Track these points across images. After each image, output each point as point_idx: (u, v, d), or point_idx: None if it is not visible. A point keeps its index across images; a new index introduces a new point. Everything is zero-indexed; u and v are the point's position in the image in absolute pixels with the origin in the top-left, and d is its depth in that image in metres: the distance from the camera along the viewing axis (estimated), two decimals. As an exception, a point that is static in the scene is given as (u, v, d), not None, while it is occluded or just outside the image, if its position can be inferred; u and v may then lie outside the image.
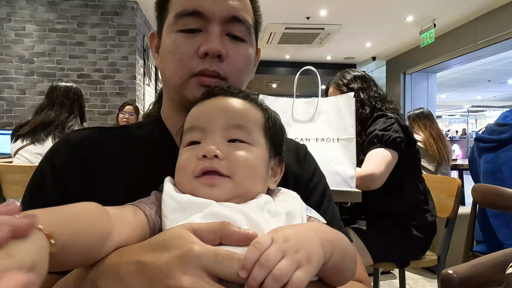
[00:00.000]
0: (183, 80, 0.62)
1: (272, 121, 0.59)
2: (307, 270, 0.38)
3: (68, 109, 2.39)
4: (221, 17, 0.62)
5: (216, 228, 0.41)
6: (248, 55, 0.66)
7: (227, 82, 0.62)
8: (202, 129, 0.53)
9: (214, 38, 0.61)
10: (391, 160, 1.60)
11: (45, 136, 2.27)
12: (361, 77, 1.86)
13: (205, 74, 0.61)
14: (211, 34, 0.61)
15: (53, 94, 2.41)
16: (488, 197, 1.68)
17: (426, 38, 6.08)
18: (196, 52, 0.61)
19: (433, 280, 2.77)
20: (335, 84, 1.88)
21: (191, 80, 0.61)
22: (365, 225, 1.72)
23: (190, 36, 0.62)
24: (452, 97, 13.86)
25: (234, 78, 0.63)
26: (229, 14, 0.62)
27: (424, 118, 3.38)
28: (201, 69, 0.60)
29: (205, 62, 0.61)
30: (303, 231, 0.43)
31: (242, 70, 0.65)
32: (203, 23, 0.62)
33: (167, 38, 0.64)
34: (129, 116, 3.85)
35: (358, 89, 1.81)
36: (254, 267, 0.37)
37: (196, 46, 0.61)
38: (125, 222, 0.45)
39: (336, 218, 0.70)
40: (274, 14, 5.48)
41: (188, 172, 0.51)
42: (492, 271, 0.89)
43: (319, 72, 1.57)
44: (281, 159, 0.61)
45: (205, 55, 0.60)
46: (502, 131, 1.84)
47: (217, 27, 0.62)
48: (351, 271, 0.49)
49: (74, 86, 2.51)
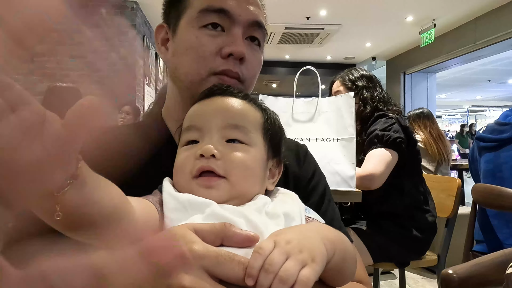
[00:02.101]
0: (202, 77, 0.62)
1: (271, 121, 0.58)
2: (313, 268, 0.38)
3: None
4: (246, 21, 0.63)
5: (218, 229, 0.42)
6: (261, 61, 0.69)
7: (243, 85, 0.64)
8: (200, 128, 0.53)
9: (239, 40, 0.62)
10: (391, 160, 1.60)
11: None
12: (368, 77, 1.87)
13: (227, 74, 0.62)
14: (236, 36, 0.62)
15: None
16: (488, 197, 1.68)
17: (426, 38, 6.08)
18: (218, 52, 0.62)
19: (433, 280, 2.77)
20: (341, 78, 1.89)
21: (211, 78, 0.62)
22: (365, 225, 1.72)
23: (213, 35, 0.62)
24: (452, 97, 13.87)
25: (249, 81, 0.65)
26: (254, 19, 0.64)
27: (424, 118, 3.38)
28: (224, 69, 0.61)
29: (228, 62, 0.62)
30: (304, 232, 0.43)
31: (256, 74, 0.67)
32: (228, 24, 0.63)
33: (187, 33, 0.64)
34: (125, 116, 3.82)
35: (363, 87, 1.82)
36: (260, 274, 0.37)
37: (219, 45, 0.62)
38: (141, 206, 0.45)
39: (336, 218, 0.70)
40: (274, 14, 5.48)
41: (185, 172, 0.51)
42: (492, 271, 0.89)
43: (319, 72, 1.57)
44: (279, 160, 0.60)
45: (228, 56, 0.61)
46: (503, 130, 1.84)
47: (241, 30, 0.63)
48: (352, 271, 0.49)
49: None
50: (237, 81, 0.63)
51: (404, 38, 6.80)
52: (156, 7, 0.98)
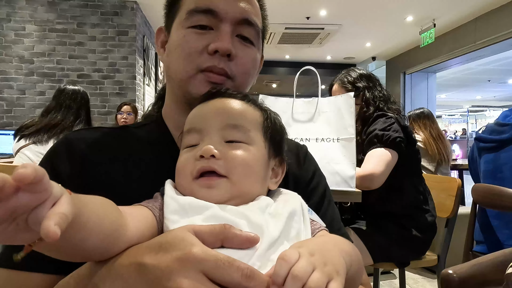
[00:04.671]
0: (189, 75, 0.62)
1: (271, 121, 0.58)
2: (339, 282, 0.38)
3: (74, 113, 2.41)
4: (233, 18, 0.63)
5: (217, 230, 0.41)
6: (255, 59, 0.67)
7: (233, 82, 0.63)
8: (199, 130, 0.54)
9: (225, 37, 0.61)
10: (391, 160, 1.60)
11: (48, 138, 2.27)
12: (367, 76, 1.86)
13: (212, 71, 0.61)
14: (223, 33, 0.61)
15: (61, 96, 2.43)
16: (488, 197, 1.68)
17: (426, 38, 6.08)
18: (205, 49, 0.61)
19: (433, 280, 2.77)
20: (340, 81, 1.87)
21: (198, 76, 0.61)
22: (365, 225, 1.72)
23: (200, 33, 0.62)
24: (452, 97, 13.87)
25: (240, 78, 0.64)
26: (242, 16, 0.63)
27: (425, 118, 3.38)
28: (209, 65, 0.61)
29: (213, 59, 0.61)
30: (324, 245, 0.43)
31: (248, 72, 0.66)
32: (215, 22, 0.62)
33: (176, 33, 0.64)
34: (127, 116, 3.85)
35: (364, 88, 1.81)
36: (287, 281, 0.36)
37: (206, 42, 0.61)
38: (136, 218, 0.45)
39: (336, 219, 0.70)
40: (274, 14, 5.47)
41: (186, 174, 0.51)
42: (492, 271, 0.89)
43: (319, 72, 1.57)
44: (282, 160, 0.60)
45: (214, 53, 0.61)
46: (503, 131, 1.83)
47: (229, 27, 0.62)
48: (361, 279, 0.50)
49: (82, 90, 2.54)
50: (225, 78, 0.62)
51: (404, 38, 6.80)
52: (156, 7, 0.98)
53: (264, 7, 0.72)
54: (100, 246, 0.40)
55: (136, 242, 0.43)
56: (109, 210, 0.41)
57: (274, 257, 0.40)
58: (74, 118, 2.39)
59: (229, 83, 0.62)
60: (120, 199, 0.50)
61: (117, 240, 0.41)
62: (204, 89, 0.60)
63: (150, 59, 5.82)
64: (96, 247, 0.39)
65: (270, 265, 0.41)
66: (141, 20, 5.30)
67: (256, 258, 0.41)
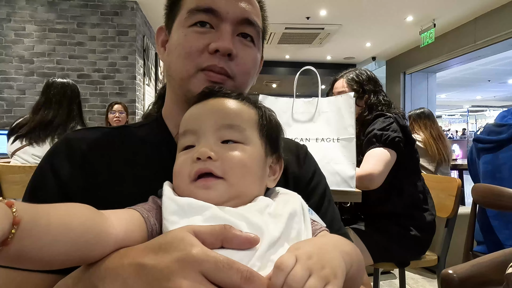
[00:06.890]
0: (189, 74, 0.62)
1: (266, 118, 0.58)
2: (336, 285, 0.38)
3: (66, 108, 2.31)
4: (234, 18, 0.63)
5: (217, 231, 0.41)
6: (256, 59, 0.67)
7: (234, 82, 0.63)
8: (195, 132, 0.54)
9: (226, 36, 0.61)
10: (390, 159, 1.60)
11: (44, 137, 2.22)
12: (375, 80, 1.86)
13: (212, 70, 0.61)
14: (223, 32, 0.62)
15: (50, 91, 2.34)
16: (488, 197, 1.68)
17: (426, 38, 6.08)
18: (206, 48, 0.61)
19: (433, 280, 2.77)
20: (348, 79, 1.84)
21: (198, 75, 0.61)
22: (365, 225, 1.72)
23: (201, 32, 0.62)
24: (452, 97, 13.87)
25: (240, 78, 0.64)
26: (243, 16, 0.63)
27: (425, 118, 3.38)
28: (209, 64, 0.61)
29: (214, 58, 0.61)
30: (323, 246, 0.43)
31: (249, 72, 0.66)
32: (216, 21, 0.62)
33: (177, 32, 0.64)
34: (119, 115, 3.82)
35: (370, 92, 1.80)
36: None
37: (206, 42, 0.61)
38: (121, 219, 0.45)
39: (336, 219, 0.70)
40: (274, 14, 5.47)
41: (184, 176, 0.51)
42: (492, 271, 0.89)
43: (319, 72, 1.56)
44: (279, 156, 0.60)
45: (215, 52, 0.61)
46: (501, 131, 1.84)
47: (230, 27, 0.62)
48: (362, 279, 0.50)
49: (71, 83, 2.44)
50: (226, 77, 0.62)
51: (404, 38, 6.81)
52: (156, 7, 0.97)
53: (264, 8, 0.72)
54: (75, 249, 0.39)
55: (126, 244, 0.43)
56: (78, 214, 0.41)
57: (274, 258, 0.40)
58: (67, 114, 2.30)
59: (229, 82, 0.62)
60: (120, 199, 0.50)
61: (97, 242, 0.41)
62: None
63: (150, 59, 5.82)
64: (69, 250, 0.39)
65: (270, 265, 0.41)
66: (141, 20, 5.30)
67: (256, 258, 0.41)
